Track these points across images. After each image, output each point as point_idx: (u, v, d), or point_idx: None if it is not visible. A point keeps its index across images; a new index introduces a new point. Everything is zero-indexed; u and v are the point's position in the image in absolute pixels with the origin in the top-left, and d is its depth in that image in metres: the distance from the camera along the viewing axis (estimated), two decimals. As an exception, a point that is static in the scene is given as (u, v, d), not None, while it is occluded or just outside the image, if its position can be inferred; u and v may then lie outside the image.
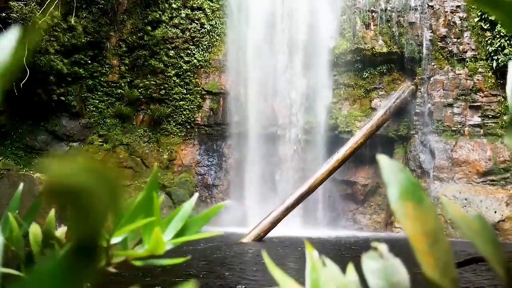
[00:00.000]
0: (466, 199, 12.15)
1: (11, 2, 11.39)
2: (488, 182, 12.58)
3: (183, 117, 15.07)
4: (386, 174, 0.37)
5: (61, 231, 0.76)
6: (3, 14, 11.50)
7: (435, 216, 0.36)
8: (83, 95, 14.44)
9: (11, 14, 11.34)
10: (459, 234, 11.74)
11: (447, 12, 13.52)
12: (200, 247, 8.63)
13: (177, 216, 0.68)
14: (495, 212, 11.79)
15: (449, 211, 0.39)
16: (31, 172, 11.81)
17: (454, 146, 13.03)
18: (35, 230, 0.78)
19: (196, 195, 0.74)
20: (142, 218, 0.62)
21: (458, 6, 13.49)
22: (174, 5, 14.85)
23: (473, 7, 13.38)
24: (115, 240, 0.61)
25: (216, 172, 15.04)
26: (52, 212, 0.83)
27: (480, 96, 13.15)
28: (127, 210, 0.65)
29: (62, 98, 13.80)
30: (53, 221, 0.83)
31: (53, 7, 12.19)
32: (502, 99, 12.98)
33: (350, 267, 0.47)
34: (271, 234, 10.59)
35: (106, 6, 14.09)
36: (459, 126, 13.20)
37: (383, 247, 0.41)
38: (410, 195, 0.36)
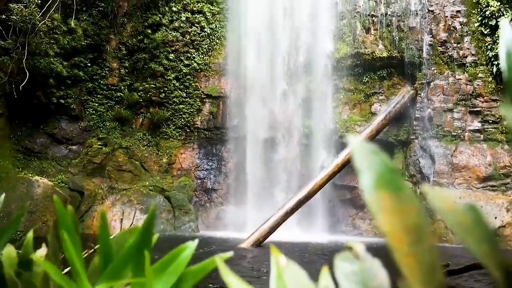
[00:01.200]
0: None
1: (11, 4, 11.38)
2: (488, 187, 12.51)
3: (182, 120, 15.02)
4: (358, 158, 0.31)
5: (40, 253, 0.68)
6: (3, 16, 11.49)
7: (417, 208, 0.30)
8: (82, 98, 14.40)
9: (11, 16, 11.32)
10: (458, 239, 11.66)
11: (447, 17, 13.50)
12: (196, 252, 8.57)
13: (171, 267, 0.57)
14: (496, 218, 11.71)
15: (434, 201, 0.33)
16: (30, 175, 11.76)
17: (454, 151, 12.97)
18: (9, 252, 0.68)
19: (196, 242, 0.64)
20: (132, 268, 0.54)
21: (458, 11, 13.47)
22: (174, 9, 14.84)
23: (473, 11, 13.37)
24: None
25: (215, 176, 14.98)
26: (30, 233, 0.75)
27: (480, 101, 13.10)
28: (115, 255, 0.58)
29: (62, 101, 13.76)
30: (31, 243, 0.75)
31: (53, 9, 12.18)
32: (503, 105, 12.92)
33: (324, 272, 0.41)
34: (270, 239, 10.51)
35: (106, 9, 14.08)
36: (459, 131, 13.15)
37: (359, 247, 0.35)
38: (386, 183, 0.30)
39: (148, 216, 0.55)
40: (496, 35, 12.76)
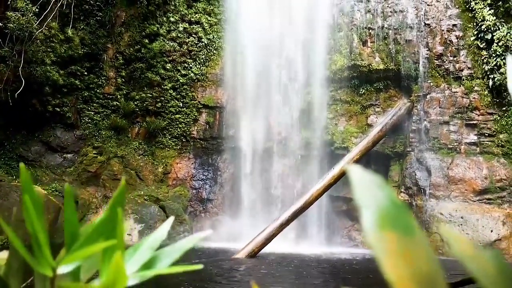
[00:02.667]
0: (462, 218, 12.04)
1: (8, 13, 11.37)
2: (484, 200, 12.50)
3: (178, 130, 14.98)
4: (359, 192, 0.28)
5: (1, 256, 0.64)
6: (0, 24, 11.47)
7: (429, 252, 0.25)
8: (78, 107, 14.35)
9: (8, 24, 11.31)
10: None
11: (443, 30, 13.60)
12: (190, 263, 8.48)
13: (145, 244, 0.55)
14: (491, 231, 11.68)
15: (455, 246, 0.28)
16: (23, 183, 11.64)
17: (450, 164, 12.97)
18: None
19: (171, 219, 0.63)
20: (103, 241, 0.51)
21: (454, 25, 13.57)
22: (172, 19, 14.88)
23: (469, 25, 13.47)
24: (63, 269, 0.51)
25: (211, 186, 14.90)
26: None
27: (476, 114, 13.14)
28: (84, 232, 0.55)
29: (57, 109, 13.70)
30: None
31: (50, 18, 12.18)
32: (498, 118, 12.98)
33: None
34: (265, 250, 10.43)
35: (104, 18, 14.10)
36: (455, 144, 13.16)
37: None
38: (392, 222, 0.26)
39: (119, 189, 0.52)
40: (492, 49, 12.84)
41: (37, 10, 11.76)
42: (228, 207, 14.45)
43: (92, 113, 14.51)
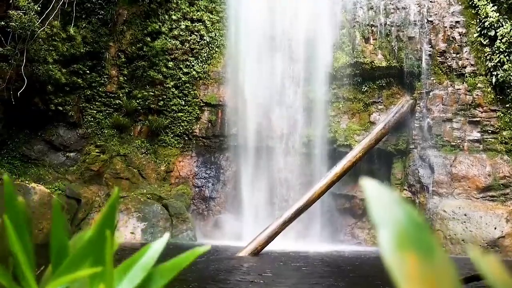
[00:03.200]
0: (465, 215, 12.00)
1: (10, 11, 11.37)
2: (487, 198, 12.46)
3: (181, 128, 14.98)
4: (375, 209, 0.26)
5: None
6: (2, 23, 11.47)
7: (453, 276, 0.23)
8: (81, 105, 14.36)
9: (10, 23, 11.31)
10: (458, 250, 11.59)
11: (446, 27, 13.53)
12: (193, 261, 8.48)
13: (138, 263, 0.51)
14: (495, 228, 11.65)
15: (483, 267, 0.26)
16: (27, 182, 11.66)
17: (453, 161, 12.93)
18: None
19: (166, 237, 0.58)
20: (91, 262, 0.48)
21: (457, 22, 13.51)
22: (174, 17, 14.85)
23: (472, 22, 13.40)
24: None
25: (213, 185, 14.90)
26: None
27: (480, 111, 13.09)
28: (72, 247, 0.52)
29: (60, 107, 13.71)
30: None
31: (52, 16, 12.17)
32: (502, 115, 12.92)
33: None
34: (268, 248, 10.42)
35: (105, 16, 14.09)
36: (458, 141, 13.12)
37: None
38: (412, 243, 0.24)
39: (110, 200, 0.49)
40: (495, 46, 12.78)
41: (39, 8, 11.76)
42: (231, 205, 14.45)
43: (95, 111, 14.51)
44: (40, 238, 10.40)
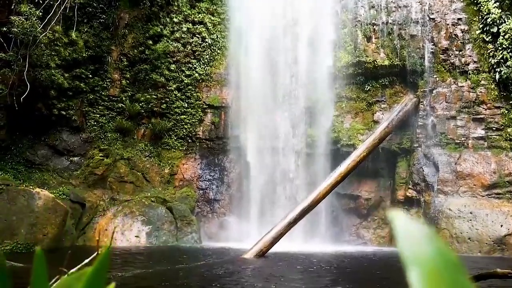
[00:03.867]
0: (471, 213, 11.94)
1: (12, 17, 11.39)
2: (493, 195, 12.39)
3: (184, 131, 14.97)
4: (405, 245, 0.23)
5: None
6: (4, 29, 11.50)
7: None
8: (84, 109, 14.37)
9: (12, 29, 11.32)
10: (465, 249, 11.52)
11: (448, 24, 13.48)
12: (198, 263, 8.45)
13: None
14: (501, 226, 11.58)
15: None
16: (31, 187, 11.68)
17: (458, 159, 12.87)
18: None
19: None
20: None
21: (459, 19, 13.45)
22: (175, 19, 14.86)
23: (474, 19, 13.34)
24: None
25: (217, 187, 14.88)
26: None
27: (483, 108, 13.02)
28: None
29: (63, 112, 13.73)
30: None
31: (54, 21, 12.19)
32: (506, 112, 12.85)
33: None
34: (273, 249, 10.39)
35: (107, 20, 14.10)
36: (462, 138, 13.05)
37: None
38: (445, 283, 0.22)
39: (101, 256, 0.45)
40: (498, 43, 12.71)
41: (40, 14, 11.78)
42: (235, 207, 14.42)
43: (98, 115, 14.52)
44: (45, 243, 10.40)
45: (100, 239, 12.26)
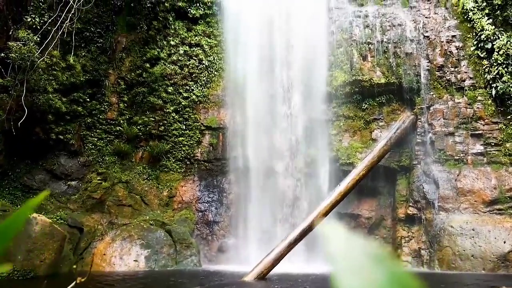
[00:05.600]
0: (473, 230, 11.81)
1: (10, 43, 11.47)
2: (495, 211, 12.28)
3: (182, 153, 14.92)
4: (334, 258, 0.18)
5: None
6: (2, 54, 11.57)
7: None
8: (81, 133, 14.34)
9: (10, 54, 11.39)
10: (468, 267, 11.34)
11: (443, 42, 13.60)
12: None
13: None
14: (504, 242, 11.43)
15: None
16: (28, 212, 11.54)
17: (458, 175, 12.80)
18: None
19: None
20: None
21: (453, 36, 13.58)
22: (172, 42, 14.98)
23: (468, 36, 13.47)
24: None
25: (216, 208, 14.74)
26: None
27: (481, 124, 13.03)
28: None
29: (61, 136, 13.70)
30: None
31: (52, 46, 12.27)
32: (504, 127, 12.86)
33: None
34: (274, 271, 10.22)
35: (104, 44, 14.21)
36: (461, 154, 13.02)
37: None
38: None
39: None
40: (493, 58, 12.81)
41: (38, 39, 11.86)
42: (235, 228, 14.26)
43: (96, 139, 14.49)
44: (42, 269, 10.23)
45: (99, 264, 12.07)
